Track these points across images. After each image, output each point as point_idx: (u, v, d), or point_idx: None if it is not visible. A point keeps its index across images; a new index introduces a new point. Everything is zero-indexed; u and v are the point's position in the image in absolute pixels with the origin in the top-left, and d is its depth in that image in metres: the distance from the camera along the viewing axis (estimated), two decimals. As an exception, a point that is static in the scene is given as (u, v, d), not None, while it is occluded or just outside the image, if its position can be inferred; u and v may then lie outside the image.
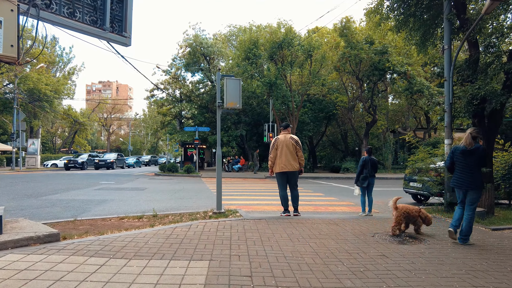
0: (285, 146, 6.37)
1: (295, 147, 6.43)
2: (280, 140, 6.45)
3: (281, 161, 6.35)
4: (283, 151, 6.36)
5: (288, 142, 6.40)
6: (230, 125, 26.14)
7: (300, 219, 6.07)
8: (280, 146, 6.40)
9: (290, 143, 6.40)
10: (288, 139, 6.45)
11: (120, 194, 10.69)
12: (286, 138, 6.46)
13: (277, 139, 6.51)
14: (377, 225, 5.81)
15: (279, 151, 6.40)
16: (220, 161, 6.58)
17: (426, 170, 8.28)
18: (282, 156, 6.36)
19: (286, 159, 6.33)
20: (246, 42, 22.39)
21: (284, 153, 6.35)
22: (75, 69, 47.43)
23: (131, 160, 41.04)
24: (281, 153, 6.37)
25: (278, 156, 6.40)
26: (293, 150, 6.41)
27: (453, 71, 7.94)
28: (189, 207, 8.30)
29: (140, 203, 8.81)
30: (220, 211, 6.21)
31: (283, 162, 6.33)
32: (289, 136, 6.51)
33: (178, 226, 5.05)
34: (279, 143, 6.43)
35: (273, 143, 6.50)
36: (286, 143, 6.39)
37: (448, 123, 7.82)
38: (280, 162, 6.36)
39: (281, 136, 6.56)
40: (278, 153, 6.40)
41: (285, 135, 6.55)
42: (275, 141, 6.49)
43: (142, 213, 6.69)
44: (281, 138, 6.47)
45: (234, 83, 6.27)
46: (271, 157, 6.49)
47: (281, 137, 6.50)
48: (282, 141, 6.43)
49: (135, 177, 19.59)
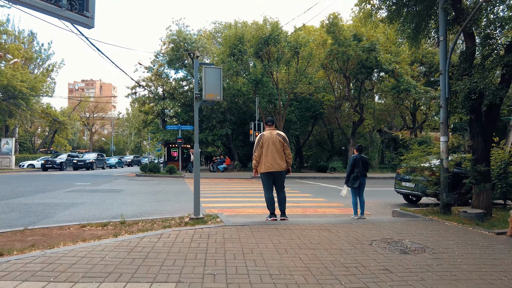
0: (272, 143, 5.76)
1: (282, 144, 5.85)
2: (266, 137, 5.82)
3: (267, 160, 5.73)
4: (269, 149, 5.74)
5: (274, 139, 5.80)
6: (215, 124, 25.36)
7: (288, 224, 5.44)
8: (266, 144, 5.77)
9: (277, 140, 5.80)
10: (274, 135, 5.84)
11: (92, 197, 9.83)
12: (272, 135, 5.84)
13: (262, 136, 5.86)
14: (372, 231, 5.23)
15: (265, 149, 5.77)
16: (198, 161, 5.88)
17: (421, 169, 7.79)
18: (268, 155, 5.74)
19: (273, 158, 5.72)
20: (231, 38, 21.65)
21: (271, 151, 5.74)
22: (54, 66, 45.67)
23: (113, 160, 39.61)
24: (267, 151, 5.74)
25: (263, 155, 5.78)
26: (280, 148, 5.82)
27: (449, 64, 7.47)
28: (166, 211, 7.56)
29: (113, 207, 8.01)
30: (198, 217, 5.51)
31: (270, 161, 5.72)
32: (275, 133, 5.90)
33: (146, 236, 4.33)
34: (265, 140, 5.80)
35: (258, 140, 5.86)
36: (273, 140, 5.78)
37: (444, 119, 7.33)
38: (266, 161, 5.73)
39: (266, 132, 5.93)
40: (264, 151, 5.77)
41: (271, 131, 5.93)
42: (260, 137, 5.85)
43: (111, 219, 5.94)
44: (267, 135, 5.84)
45: (214, 72, 5.59)
46: (255, 156, 5.83)
47: (267, 134, 5.87)
48: (268, 138, 5.80)
49: (114, 178, 18.61)
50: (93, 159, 29.83)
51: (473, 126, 7.45)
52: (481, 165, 7.05)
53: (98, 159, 31.42)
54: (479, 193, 7.21)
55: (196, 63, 5.74)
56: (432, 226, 5.83)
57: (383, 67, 20.35)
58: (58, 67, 46.29)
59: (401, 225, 5.83)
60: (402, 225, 5.83)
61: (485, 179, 7.19)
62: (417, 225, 5.88)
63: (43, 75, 42.10)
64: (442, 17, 7.49)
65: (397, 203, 9.97)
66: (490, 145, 7.48)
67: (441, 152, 7.34)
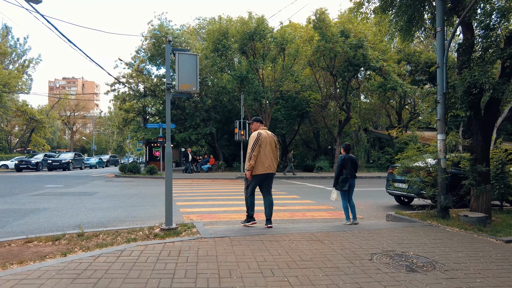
0: (269, 143, 5.42)
1: (276, 144, 5.60)
2: (264, 137, 5.40)
3: (266, 161, 5.37)
4: (266, 149, 5.38)
5: (271, 139, 5.50)
6: (199, 122, 24.42)
7: (274, 234, 4.75)
8: (264, 143, 5.38)
9: (273, 141, 5.53)
10: (270, 135, 5.54)
11: (60, 201, 8.91)
12: (268, 135, 5.51)
13: (260, 135, 5.40)
14: (370, 241, 4.60)
15: (263, 149, 5.37)
16: (170, 161, 5.12)
17: (416, 169, 7.25)
18: (267, 155, 5.38)
19: (271, 159, 5.41)
20: (215, 33, 20.80)
21: (268, 152, 5.40)
22: (30, 61, 43.71)
23: (93, 160, 38.09)
24: (266, 151, 5.38)
25: (262, 155, 5.36)
26: (275, 149, 5.57)
27: (447, 57, 6.95)
28: (138, 218, 6.77)
29: (79, 214, 7.15)
30: (170, 227, 4.74)
31: (268, 162, 5.38)
32: (270, 133, 5.61)
33: (103, 254, 3.56)
34: (263, 139, 5.37)
35: (256, 138, 5.37)
36: (270, 140, 5.46)
37: (441, 115, 6.81)
38: (266, 162, 5.37)
39: (263, 131, 5.51)
40: (262, 152, 5.37)
41: (266, 131, 5.60)
42: (259, 136, 5.38)
43: (71, 229, 5.13)
44: (264, 134, 5.45)
45: (189, 59, 4.85)
46: (254, 155, 5.31)
47: (264, 133, 5.47)
48: (265, 137, 5.41)
49: (91, 179, 17.53)
50: (70, 159, 28.21)
51: (472, 123, 6.96)
52: (481, 165, 6.56)
53: (75, 159, 29.78)
54: (479, 195, 6.73)
55: (168, 48, 4.97)
56: (433, 233, 5.26)
57: (370, 65, 19.95)
58: (35, 63, 44.47)
59: (400, 232, 5.24)
60: (401, 232, 5.24)
61: (485, 180, 6.72)
62: (417, 232, 5.30)
63: (18, 71, 40.16)
64: (439, 6, 6.95)
65: (388, 205, 9.46)
66: (489, 144, 7.01)
67: (438, 151, 6.81)
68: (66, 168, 26.99)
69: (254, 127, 5.69)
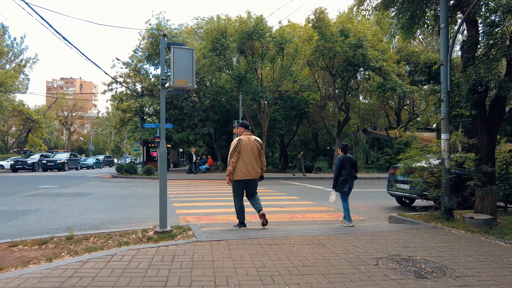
0: (250, 149, 5.38)
1: (259, 150, 5.54)
2: (244, 142, 5.38)
3: (245, 166, 5.34)
4: (247, 155, 5.36)
5: (253, 145, 5.44)
6: (197, 122, 24.16)
7: (274, 237, 4.53)
8: (244, 149, 5.36)
9: (255, 146, 5.46)
10: (252, 141, 5.48)
11: (53, 202, 8.66)
12: (250, 140, 5.47)
13: (240, 141, 5.39)
14: (374, 244, 4.39)
15: (243, 155, 5.35)
16: (165, 161, 4.87)
17: (420, 169, 7.04)
18: (246, 161, 5.35)
19: (251, 165, 5.38)
20: (213, 32, 20.56)
21: (249, 158, 5.37)
22: (27, 61, 43.35)
23: (91, 160, 37.73)
24: (245, 157, 5.35)
25: (241, 161, 5.35)
26: (257, 154, 5.51)
27: (451, 54, 6.76)
28: (133, 219, 6.54)
29: (71, 215, 6.91)
30: (165, 230, 4.52)
31: (247, 168, 5.35)
32: (253, 138, 5.55)
33: (92, 259, 3.33)
34: (243, 145, 5.36)
35: (235, 145, 5.37)
36: (251, 146, 5.41)
37: (445, 114, 6.62)
38: (244, 168, 5.33)
39: (244, 137, 5.48)
40: (242, 158, 5.35)
41: (249, 136, 5.55)
42: (238, 143, 5.37)
43: (62, 232, 4.89)
44: (245, 140, 5.42)
45: (185, 54, 4.63)
46: (233, 161, 5.33)
47: (245, 139, 5.44)
48: (246, 143, 5.39)
49: (87, 180, 17.26)
50: (65, 159, 27.56)
51: (477, 123, 6.77)
52: (486, 166, 6.37)
53: (71, 159, 29.18)
54: (484, 196, 6.54)
55: (163, 42, 4.75)
56: (439, 236, 5.06)
57: (370, 65, 19.76)
58: (32, 62, 44.08)
59: (405, 235, 5.03)
60: (405, 235, 5.03)
61: (490, 181, 6.52)
62: (422, 235, 5.09)
63: (15, 71, 39.77)
64: (443, 2, 6.77)
65: (390, 206, 9.26)
66: (495, 144, 6.83)
67: (442, 151, 6.62)
68: (61, 168, 26.54)
69: (239, 132, 5.67)
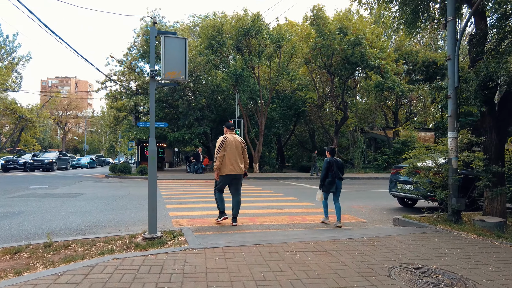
0: (235, 146, 5.94)
1: (243, 148, 6.11)
2: (229, 140, 5.94)
3: (230, 162, 5.87)
4: (232, 152, 5.91)
5: (237, 143, 6.01)
6: (192, 121, 23.70)
7: (274, 243, 4.16)
8: (229, 146, 5.91)
9: (239, 145, 6.03)
10: (237, 139, 6.06)
11: (39, 204, 8.22)
12: (235, 138, 6.04)
13: (225, 139, 5.94)
14: (383, 250, 4.04)
15: (228, 151, 5.89)
16: (154, 159, 4.46)
17: (426, 169, 6.70)
18: (231, 157, 5.89)
19: (235, 161, 5.91)
20: (209, 29, 20.15)
21: (233, 154, 5.91)
22: (20, 59, 42.60)
23: (85, 160, 37.07)
24: (230, 154, 5.90)
25: (227, 157, 5.87)
26: (241, 152, 6.06)
27: (459, 48, 6.43)
28: (123, 222, 6.14)
29: (57, 218, 6.50)
30: (154, 236, 4.13)
31: (232, 164, 5.88)
32: (237, 137, 6.13)
33: (68, 271, 2.94)
34: (228, 143, 5.91)
35: (221, 142, 5.91)
36: (236, 144, 5.97)
37: (452, 111, 6.28)
38: (229, 164, 5.87)
39: (229, 135, 6.05)
40: (227, 154, 5.89)
41: (233, 135, 6.11)
42: (224, 140, 5.93)
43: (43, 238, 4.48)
44: (230, 138, 5.98)
45: (177, 44, 4.25)
46: (219, 157, 5.82)
47: (230, 137, 6.01)
48: (231, 141, 5.95)
49: (80, 180, 16.78)
50: (53, 159, 26.19)
51: (486, 120, 6.46)
52: (496, 165, 6.06)
53: (60, 158, 27.76)
54: (493, 197, 6.22)
55: (153, 30, 4.36)
56: (450, 240, 4.72)
57: (368, 63, 19.46)
58: (25, 60, 43.34)
59: (414, 240, 4.69)
60: (415, 240, 4.68)
61: (500, 181, 6.21)
62: (432, 239, 4.75)
63: (7, 69, 39.05)
64: (451, -7, 6.43)
65: (392, 207, 8.94)
66: (504, 142, 6.51)
67: (449, 150, 6.29)
68: (49, 168, 25.41)
69: (224, 132, 6.23)
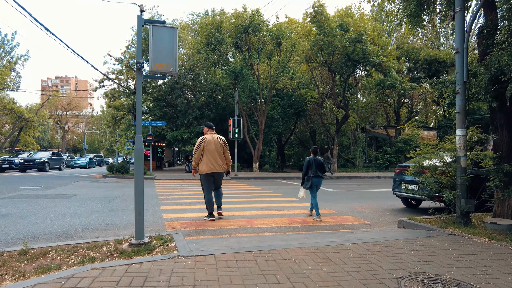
0: (214, 146, 6.13)
1: (223, 147, 6.26)
2: (207, 140, 6.16)
3: (209, 161, 6.06)
4: (210, 151, 6.10)
5: (216, 142, 6.18)
6: (191, 120, 23.41)
7: (271, 250, 3.83)
8: (208, 146, 6.10)
9: (218, 143, 6.20)
10: (216, 139, 6.22)
11: (29, 205, 7.91)
12: (213, 138, 6.21)
13: (204, 139, 6.18)
14: (390, 257, 3.71)
15: (206, 151, 6.09)
16: (141, 159, 4.11)
17: (433, 169, 6.36)
18: (210, 157, 6.08)
19: (215, 160, 6.10)
20: (208, 26, 19.79)
21: (212, 154, 6.10)
22: (18, 58, 42.29)
23: (83, 160, 36.79)
24: (209, 153, 6.08)
25: (205, 157, 6.08)
26: (221, 151, 6.23)
27: (468, 40, 6.09)
28: (113, 225, 5.81)
29: (45, 221, 6.17)
30: (141, 242, 3.79)
31: (212, 162, 6.08)
32: (216, 136, 6.30)
33: (38, 285, 2.61)
34: (207, 143, 6.12)
35: (199, 143, 6.16)
36: (215, 143, 6.16)
37: (461, 107, 5.95)
38: (208, 163, 6.06)
39: (208, 136, 6.26)
40: (205, 154, 6.10)
41: (212, 135, 6.31)
42: (202, 140, 6.16)
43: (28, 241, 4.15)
44: (209, 138, 6.19)
45: (166, 34, 3.92)
46: (195, 158, 6.14)
47: (208, 137, 6.21)
48: (209, 141, 6.15)
49: (75, 180, 16.47)
50: (46, 159, 25.03)
51: (496, 117, 6.12)
52: (508, 164, 5.72)
53: (53, 158, 26.47)
54: (505, 198, 5.88)
55: (140, 19, 4.01)
56: (461, 245, 4.39)
57: (370, 60, 19.10)
58: (24, 59, 43.04)
59: (422, 245, 4.35)
60: (423, 245, 4.35)
61: (510, 181, 5.87)
62: (442, 244, 4.42)
63: (6, 68, 38.77)
64: (459, -17, 6.08)
65: (395, 207, 8.62)
66: (516, 140, 6.16)
67: (457, 148, 5.95)
68: (41, 168, 24.38)
69: (204, 131, 6.45)
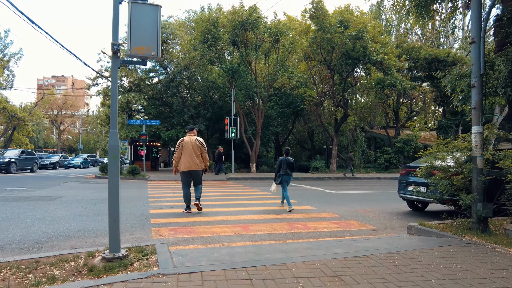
0: (191, 146, 6.77)
1: (199, 148, 6.86)
2: (185, 142, 6.84)
3: (186, 160, 6.72)
4: (187, 151, 6.74)
5: (193, 143, 6.81)
6: (187, 119, 22.82)
7: (269, 265, 3.27)
8: (185, 147, 6.78)
9: (195, 145, 6.82)
10: (193, 140, 6.85)
11: (6, 209, 7.29)
12: (191, 140, 6.85)
13: (182, 141, 6.90)
14: (408, 272, 3.15)
15: (184, 151, 6.77)
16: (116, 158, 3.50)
17: (446, 169, 5.83)
18: (187, 156, 6.73)
19: (191, 159, 6.73)
20: (204, 22, 19.22)
21: (189, 153, 6.74)
22: (11, 56, 41.52)
23: (78, 160, 36.17)
24: (186, 153, 6.74)
25: (183, 157, 6.76)
26: (198, 151, 6.83)
27: (485, 29, 5.57)
28: (93, 232, 5.23)
29: (18, 227, 5.58)
30: (116, 256, 3.19)
31: (188, 161, 6.72)
32: (194, 138, 6.91)
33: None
34: (184, 144, 6.82)
35: (178, 144, 6.90)
36: (192, 144, 6.79)
37: (477, 102, 5.43)
38: (185, 162, 6.72)
39: (186, 137, 6.92)
40: (183, 154, 6.78)
41: (190, 137, 6.95)
42: (181, 142, 6.89)
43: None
44: (186, 140, 6.86)
45: (147, 12, 3.35)
46: (175, 157, 6.92)
47: (186, 139, 6.88)
48: (187, 142, 6.82)
49: (66, 181, 15.83)
50: (12, 158, 21.51)
51: (515, 113, 5.61)
52: (529, 165, 5.20)
53: (22, 158, 22.82)
54: (525, 202, 5.37)
55: (116, -6, 3.47)
56: (486, 257, 3.85)
57: (370, 58, 18.60)
58: (17, 58, 42.25)
59: (441, 256, 3.81)
60: (442, 256, 3.81)
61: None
62: (464, 255, 3.87)
63: (-3, 66, 37.99)
64: (475, -33, 5.56)
65: (401, 211, 8.09)
66: (537, 138, 5.66)
67: (473, 147, 5.42)
68: (6, 170, 20.91)
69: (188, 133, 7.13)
